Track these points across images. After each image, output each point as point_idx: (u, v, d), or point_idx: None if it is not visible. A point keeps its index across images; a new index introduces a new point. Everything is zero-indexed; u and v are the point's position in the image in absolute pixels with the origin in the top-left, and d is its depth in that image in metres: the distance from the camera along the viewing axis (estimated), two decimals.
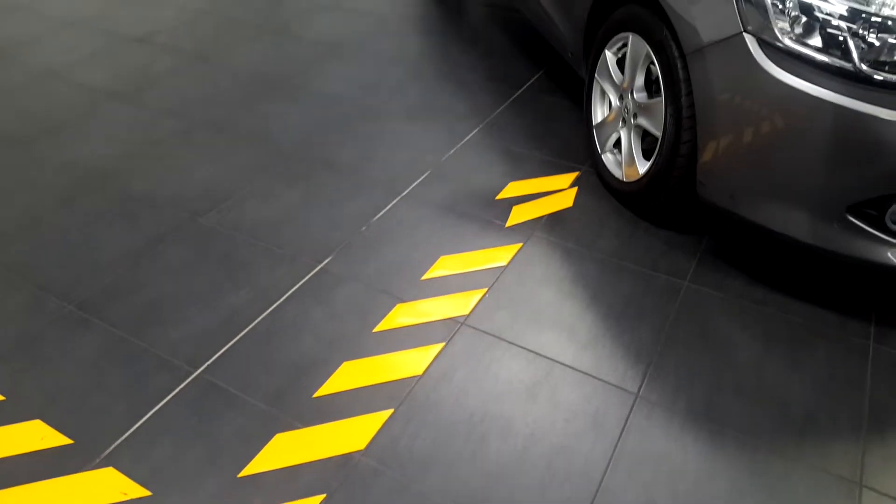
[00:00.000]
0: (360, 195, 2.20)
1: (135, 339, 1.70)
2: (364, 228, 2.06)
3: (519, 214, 2.12)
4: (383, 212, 2.13)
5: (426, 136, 2.51)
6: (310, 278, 1.88)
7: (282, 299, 1.81)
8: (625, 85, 2.07)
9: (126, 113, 2.67)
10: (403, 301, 1.81)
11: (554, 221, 2.10)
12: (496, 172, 2.31)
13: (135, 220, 2.10)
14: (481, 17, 3.55)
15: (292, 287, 1.85)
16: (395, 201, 2.17)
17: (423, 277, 1.88)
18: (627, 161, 2.08)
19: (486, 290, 1.84)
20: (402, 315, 1.77)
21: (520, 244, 2.00)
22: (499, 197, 2.20)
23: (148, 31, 3.34)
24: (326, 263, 1.93)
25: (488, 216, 2.11)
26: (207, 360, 1.64)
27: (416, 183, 2.26)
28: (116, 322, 1.75)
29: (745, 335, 1.71)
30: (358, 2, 3.69)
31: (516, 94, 2.79)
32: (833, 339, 1.70)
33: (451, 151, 2.42)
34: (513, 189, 2.24)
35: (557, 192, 2.23)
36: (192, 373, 1.61)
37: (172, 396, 1.56)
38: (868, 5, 1.45)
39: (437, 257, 1.95)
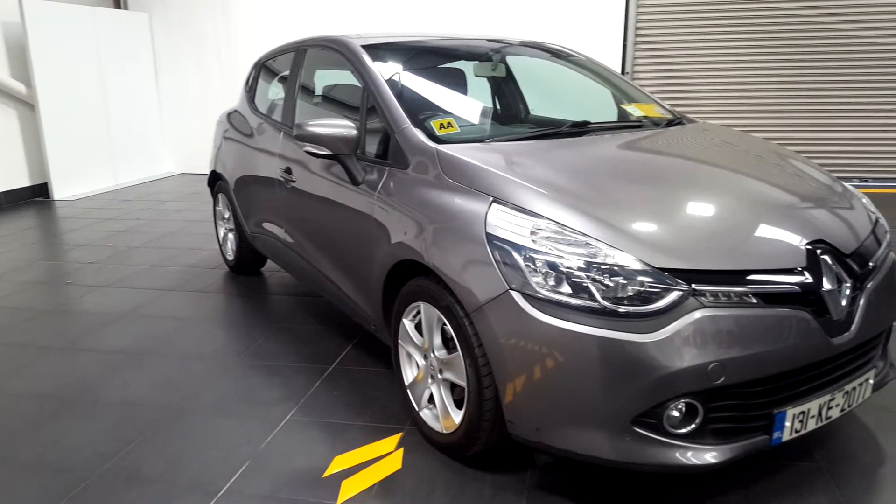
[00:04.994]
0: None
1: None
2: None
3: (349, 488, 2.06)
4: None
5: (240, 428, 2.42)
6: None
7: None
8: (425, 346, 2.27)
9: None
10: None
11: (386, 488, 2.06)
12: (319, 450, 2.27)
13: None
14: (286, 305, 3.73)
15: None
16: None
17: None
18: (443, 414, 2.19)
19: None
20: None
21: None
22: (326, 475, 2.13)
23: None
24: None
25: (317, 498, 2.02)
26: None
27: (233, 479, 2.12)
28: None
29: None
30: (156, 307, 3.70)
31: (329, 370, 2.87)
32: None
33: (269, 438, 2.35)
34: (339, 463, 2.19)
35: (385, 456, 2.23)
36: None
37: None
38: (595, 257, 1.83)
39: None
